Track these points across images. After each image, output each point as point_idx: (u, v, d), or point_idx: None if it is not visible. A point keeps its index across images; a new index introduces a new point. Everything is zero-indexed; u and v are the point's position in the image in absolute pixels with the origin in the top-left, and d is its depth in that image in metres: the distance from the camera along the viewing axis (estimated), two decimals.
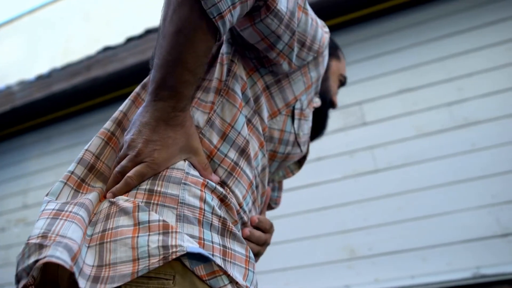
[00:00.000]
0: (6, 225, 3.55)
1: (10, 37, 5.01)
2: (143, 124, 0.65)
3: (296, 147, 0.90)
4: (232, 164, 0.73)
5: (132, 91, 2.83)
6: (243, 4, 0.63)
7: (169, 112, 0.65)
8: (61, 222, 0.55)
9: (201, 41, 0.62)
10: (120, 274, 0.52)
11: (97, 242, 0.56)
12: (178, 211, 0.61)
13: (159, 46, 0.65)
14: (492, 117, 2.33)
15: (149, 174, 0.64)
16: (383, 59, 2.66)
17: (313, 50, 0.82)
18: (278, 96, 0.83)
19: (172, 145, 0.66)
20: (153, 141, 0.64)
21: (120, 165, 0.65)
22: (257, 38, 0.73)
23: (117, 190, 0.63)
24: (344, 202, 2.47)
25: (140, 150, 0.64)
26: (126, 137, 0.67)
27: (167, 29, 0.63)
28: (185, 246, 0.54)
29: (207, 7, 0.59)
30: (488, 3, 2.53)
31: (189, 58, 0.63)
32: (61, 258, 0.47)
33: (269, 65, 0.80)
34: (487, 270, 2.10)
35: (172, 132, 0.65)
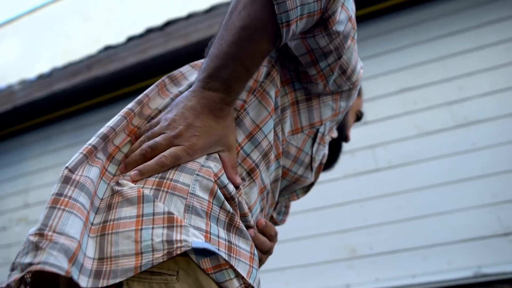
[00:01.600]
0: (7, 224, 3.56)
1: (10, 37, 5.02)
2: (188, 107, 0.65)
3: (309, 171, 0.88)
4: (253, 165, 0.72)
5: (132, 90, 2.84)
6: (309, 18, 0.63)
7: (216, 102, 0.65)
8: (59, 213, 0.51)
9: (262, 43, 0.63)
10: (123, 268, 0.50)
11: (98, 233, 0.55)
12: (188, 201, 0.59)
13: (219, 36, 0.64)
14: (493, 117, 2.33)
15: (183, 159, 0.63)
16: (384, 58, 2.66)
17: (351, 81, 0.82)
18: (304, 114, 0.82)
19: (211, 135, 0.65)
20: (195, 126, 0.64)
21: (154, 140, 0.64)
22: (303, 51, 0.73)
23: (146, 169, 0.62)
24: (345, 201, 2.47)
25: (180, 132, 0.63)
26: (167, 115, 0.66)
27: (232, 21, 0.62)
28: (190, 241, 0.53)
29: (279, 12, 0.59)
30: (488, 2, 2.53)
31: (248, 56, 0.63)
32: (55, 265, 0.46)
33: (305, 81, 0.80)
34: (488, 269, 2.10)
35: (214, 123, 0.65)
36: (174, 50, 2.97)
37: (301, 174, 0.87)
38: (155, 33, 3.14)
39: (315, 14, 0.63)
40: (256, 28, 0.61)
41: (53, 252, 0.47)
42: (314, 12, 0.63)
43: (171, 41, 3.00)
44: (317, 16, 0.64)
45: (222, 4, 2.99)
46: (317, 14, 0.64)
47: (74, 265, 0.48)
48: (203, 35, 2.88)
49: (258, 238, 0.77)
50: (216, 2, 3.06)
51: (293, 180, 0.88)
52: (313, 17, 0.64)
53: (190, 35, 2.94)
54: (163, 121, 0.66)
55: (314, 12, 0.63)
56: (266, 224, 0.79)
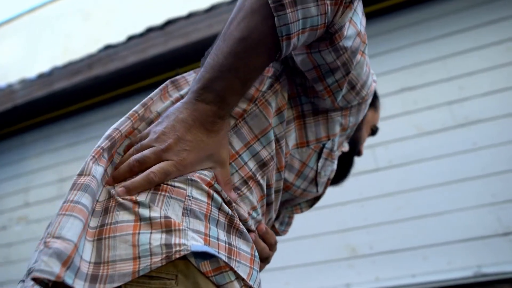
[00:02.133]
0: (7, 223, 3.56)
1: (11, 36, 5.02)
2: (179, 120, 0.62)
3: (313, 186, 0.87)
4: (250, 173, 0.70)
5: (133, 89, 2.84)
6: (312, 32, 0.61)
7: (209, 115, 0.62)
8: (59, 218, 0.51)
9: (260, 55, 0.61)
10: (120, 273, 0.49)
11: (95, 237, 0.54)
12: (186, 204, 0.58)
13: (216, 47, 0.62)
14: (493, 116, 2.33)
15: (173, 174, 0.60)
16: (384, 58, 2.66)
17: (360, 96, 0.80)
18: (311, 128, 0.80)
19: (202, 150, 0.63)
20: (186, 140, 0.62)
21: (142, 154, 0.61)
22: (309, 66, 0.71)
23: (133, 185, 0.58)
24: (345, 201, 2.47)
25: (170, 145, 0.61)
26: (156, 128, 0.63)
27: (231, 32, 0.60)
28: (189, 245, 0.52)
29: (279, 24, 0.57)
30: (488, 2, 2.53)
31: (244, 68, 0.61)
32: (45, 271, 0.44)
33: (312, 96, 0.78)
34: (488, 269, 2.10)
35: (205, 137, 0.63)
36: (174, 49, 2.97)
37: (304, 188, 0.86)
38: (155, 32, 3.14)
39: (318, 28, 0.62)
40: (255, 41, 0.59)
41: (44, 258, 0.46)
42: (318, 26, 0.61)
43: (172, 41, 3.00)
44: (320, 30, 0.62)
45: (223, 3, 2.99)
46: (320, 28, 0.62)
47: (69, 269, 0.47)
48: (203, 35, 2.88)
49: (259, 244, 0.75)
50: (216, 2, 3.06)
51: (296, 194, 0.86)
52: (316, 31, 0.62)
53: (191, 34, 2.94)
54: (152, 133, 0.63)
55: (318, 26, 0.61)
56: (266, 230, 0.77)
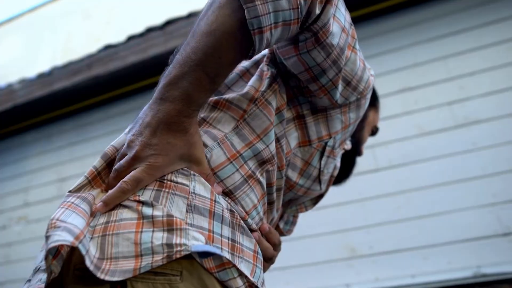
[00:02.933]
0: (7, 223, 3.56)
1: (10, 35, 5.01)
2: (145, 124, 0.61)
3: (317, 184, 0.87)
4: (250, 172, 0.70)
5: (133, 89, 2.84)
6: (285, 27, 0.60)
7: (172, 115, 0.60)
8: (62, 210, 0.54)
9: (230, 50, 0.59)
10: (122, 269, 0.50)
11: (100, 234, 0.54)
12: (189, 200, 0.59)
13: (185, 43, 0.61)
14: (493, 116, 2.33)
15: (145, 180, 0.60)
16: (384, 58, 2.66)
17: (358, 91, 0.79)
18: (312, 127, 0.80)
19: (171, 151, 0.61)
20: (151, 145, 0.60)
21: (119, 163, 0.61)
22: (301, 68, 0.70)
23: (110, 198, 0.58)
24: (345, 201, 2.47)
25: (137, 152, 0.60)
26: (128, 136, 0.63)
27: (199, 27, 0.59)
28: (189, 245, 0.53)
29: (249, 17, 0.55)
30: (489, 2, 2.53)
31: (213, 63, 0.59)
32: (60, 240, 0.46)
33: (308, 95, 0.77)
34: (488, 269, 2.10)
35: (172, 138, 0.61)
36: (174, 49, 2.95)
37: (308, 187, 0.86)
38: (155, 32, 3.14)
39: (291, 23, 0.60)
40: (223, 34, 0.57)
41: (57, 232, 0.48)
42: (291, 21, 0.59)
43: (172, 40, 3.00)
44: (294, 26, 0.61)
45: None
46: (294, 24, 0.60)
47: (81, 244, 0.48)
48: None
49: (262, 243, 0.75)
50: None
51: (300, 193, 0.86)
52: (290, 27, 0.60)
53: None
54: (126, 141, 0.63)
55: (291, 21, 0.59)
56: (270, 230, 0.77)
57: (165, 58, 2.81)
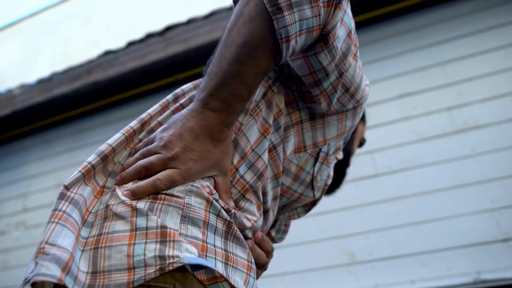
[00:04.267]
0: (6, 229, 3.55)
1: (10, 41, 5.03)
2: (186, 128, 0.63)
3: (310, 190, 0.87)
4: (247, 186, 0.71)
5: (132, 95, 2.85)
6: (308, 34, 0.62)
7: (215, 124, 0.63)
8: (52, 226, 0.53)
9: (263, 59, 0.61)
10: (115, 283, 0.50)
11: (92, 246, 0.54)
12: (184, 211, 0.59)
13: (219, 54, 0.63)
14: (492, 122, 2.33)
15: (178, 183, 0.61)
16: (383, 63, 2.67)
17: (355, 99, 0.80)
18: (308, 133, 0.81)
19: (208, 159, 0.64)
20: (192, 149, 0.62)
21: (149, 160, 0.62)
22: (306, 71, 0.71)
23: (139, 189, 0.60)
24: (344, 207, 2.47)
25: (177, 154, 0.61)
26: (163, 134, 0.64)
27: (232, 39, 0.61)
28: (182, 257, 0.53)
29: (278, 27, 0.58)
30: (487, 8, 2.54)
31: (250, 73, 0.61)
32: (47, 274, 0.46)
33: (308, 101, 0.79)
34: (487, 275, 2.10)
35: (212, 146, 0.64)
36: (174, 55, 2.98)
37: (301, 193, 0.87)
38: (155, 38, 3.15)
39: (314, 30, 0.62)
40: (257, 45, 0.60)
41: (44, 263, 0.47)
42: (313, 28, 0.62)
43: (171, 46, 3.01)
44: (316, 32, 0.63)
45: (222, 9, 3.00)
46: (316, 30, 0.63)
47: (68, 275, 0.48)
48: (202, 41, 2.89)
49: (255, 250, 0.76)
50: (216, 8, 3.07)
51: (293, 198, 0.87)
52: (313, 33, 0.63)
53: (190, 40, 2.95)
54: (158, 139, 0.64)
55: (313, 28, 0.62)
56: (262, 238, 0.77)
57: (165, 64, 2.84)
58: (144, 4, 4.22)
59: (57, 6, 4.89)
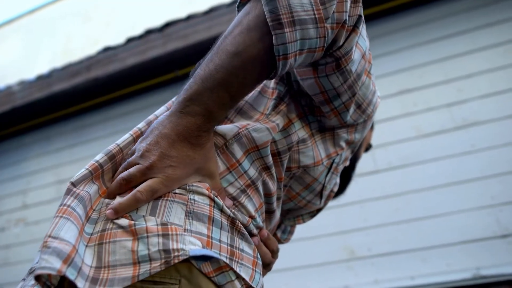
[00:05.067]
0: (5, 225, 3.55)
1: (10, 37, 5.02)
2: (162, 135, 0.61)
3: (318, 198, 0.87)
4: (249, 181, 0.70)
5: (132, 91, 2.84)
6: (309, 54, 0.61)
7: (193, 130, 0.61)
8: (56, 219, 0.53)
9: (254, 73, 0.60)
10: (120, 277, 0.50)
11: (96, 242, 0.55)
12: (188, 207, 0.59)
13: (208, 59, 0.61)
14: (492, 118, 2.33)
15: (161, 191, 0.59)
16: (383, 60, 2.66)
17: (366, 114, 0.80)
18: (321, 145, 0.80)
19: (189, 164, 0.62)
20: (170, 156, 0.60)
21: (128, 172, 0.60)
22: (317, 91, 0.70)
23: (121, 206, 0.58)
24: (344, 203, 2.47)
25: (154, 163, 0.59)
26: (140, 145, 0.62)
27: (225, 46, 0.59)
28: (187, 250, 0.53)
29: (277, 43, 0.56)
30: (487, 5, 2.54)
31: (236, 84, 0.60)
32: (46, 267, 0.46)
33: (318, 115, 0.78)
34: (487, 271, 2.10)
35: (191, 151, 0.62)
36: (173, 52, 2.97)
37: (309, 200, 0.86)
38: (154, 34, 3.14)
39: (316, 51, 0.61)
40: (250, 57, 0.58)
41: (45, 256, 0.47)
42: (316, 49, 0.60)
43: (171, 43, 3.00)
44: (318, 53, 0.62)
45: (222, 5, 2.99)
46: (318, 51, 0.61)
47: (71, 266, 0.48)
48: (202, 37, 2.88)
49: (261, 248, 0.75)
50: (215, 4, 3.06)
51: (300, 204, 0.86)
52: (314, 54, 0.61)
53: (190, 36, 2.94)
54: (137, 150, 0.62)
55: (316, 49, 0.60)
56: (268, 236, 0.76)
57: (164, 60, 2.83)
58: (143, 0, 4.21)
59: (56, 3, 4.87)
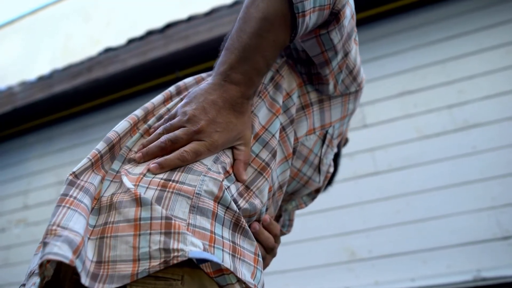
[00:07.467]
0: (6, 226, 3.55)
1: (11, 38, 5.02)
2: (209, 102, 0.65)
3: (317, 174, 0.88)
4: (263, 164, 0.72)
5: (133, 92, 2.85)
6: (320, 12, 0.65)
7: (237, 97, 0.65)
8: (64, 210, 0.53)
9: (282, 33, 0.64)
10: (119, 274, 0.50)
11: (98, 236, 0.54)
12: (193, 201, 0.58)
13: (237, 29, 0.65)
14: (493, 120, 2.33)
15: (204, 155, 0.63)
16: (384, 61, 2.66)
17: (357, 82, 0.84)
18: (317, 115, 0.83)
19: (232, 131, 0.66)
20: (217, 122, 0.64)
21: (174, 134, 0.64)
22: (318, 51, 0.73)
23: (167, 162, 0.61)
24: (344, 204, 2.47)
25: (202, 127, 0.63)
26: (185, 108, 0.66)
27: (251, 14, 0.63)
28: (187, 251, 0.52)
29: (296, 1, 0.61)
30: (488, 6, 2.53)
31: (269, 47, 0.64)
32: (59, 254, 0.45)
33: (317, 83, 0.81)
34: (487, 273, 2.10)
35: (234, 118, 0.66)
36: (174, 53, 2.97)
37: (309, 176, 0.87)
38: (155, 35, 3.15)
39: (325, 8, 0.65)
40: (276, 19, 0.62)
41: (57, 243, 0.47)
42: (325, 6, 0.65)
43: (172, 44, 3.00)
44: (327, 11, 0.66)
45: (223, 7, 2.99)
46: (327, 8, 0.65)
47: (78, 258, 0.48)
48: (203, 38, 2.88)
49: (263, 233, 0.75)
50: (216, 5, 3.06)
51: (302, 181, 0.87)
52: (324, 11, 0.65)
53: (191, 37, 2.95)
54: (181, 114, 0.66)
55: (325, 6, 0.65)
56: (270, 221, 0.77)
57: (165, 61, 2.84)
58: (144, 1, 4.21)
59: (57, 4, 4.88)
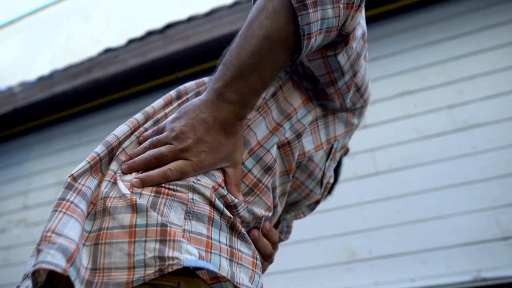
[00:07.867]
0: (6, 226, 3.55)
1: (11, 38, 5.02)
2: (200, 119, 0.62)
3: (318, 187, 0.87)
4: (255, 180, 0.70)
5: (133, 92, 2.85)
6: (327, 34, 0.63)
7: (229, 117, 0.62)
8: (59, 215, 0.52)
9: (283, 54, 0.62)
10: (115, 282, 0.50)
11: (92, 242, 0.54)
12: (188, 207, 0.58)
13: (238, 46, 0.62)
14: (493, 120, 2.33)
15: (189, 174, 0.61)
16: (384, 61, 2.66)
17: (363, 99, 0.83)
18: (322, 130, 0.81)
19: (220, 152, 0.63)
20: (205, 142, 0.62)
21: (159, 150, 0.62)
22: (323, 71, 0.71)
23: (150, 179, 0.59)
24: (344, 205, 2.47)
25: (189, 146, 0.61)
26: (174, 124, 0.63)
27: (253, 31, 0.60)
28: (182, 259, 0.51)
29: (302, 24, 0.58)
30: (488, 6, 2.54)
31: (268, 67, 0.62)
32: (52, 263, 0.45)
33: (322, 98, 0.79)
34: (487, 273, 2.10)
35: (224, 138, 0.63)
36: (174, 53, 2.97)
37: (311, 189, 0.86)
38: (155, 35, 3.15)
39: (332, 30, 0.63)
40: (279, 39, 0.60)
41: (51, 251, 0.46)
42: (332, 28, 0.63)
43: (172, 44, 3.00)
44: (334, 33, 0.64)
45: (223, 7, 2.99)
46: (334, 31, 0.63)
47: (72, 266, 0.47)
48: (203, 38, 2.88)
49: (261, 240, 0.75)
50: (216, 6, 3.06)
51: (303, 194, 0.86)
52: (330, 33, 0.64)
53: (190, 38, 2.95)
54: (169, 129, 0.63)
55: (332, 28, 0.63)
56: (270, 228, 0.77)
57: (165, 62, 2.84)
58: (144, 2, 4.21)
59: (57, 4, 4.88)
